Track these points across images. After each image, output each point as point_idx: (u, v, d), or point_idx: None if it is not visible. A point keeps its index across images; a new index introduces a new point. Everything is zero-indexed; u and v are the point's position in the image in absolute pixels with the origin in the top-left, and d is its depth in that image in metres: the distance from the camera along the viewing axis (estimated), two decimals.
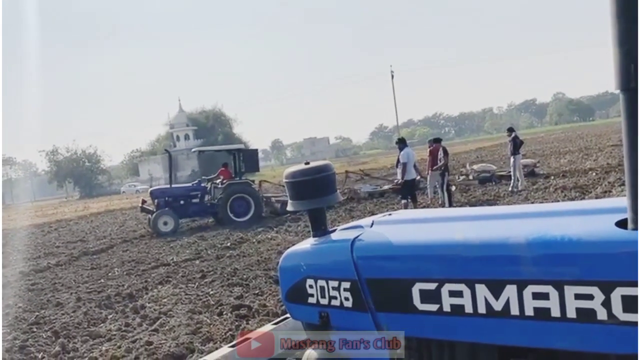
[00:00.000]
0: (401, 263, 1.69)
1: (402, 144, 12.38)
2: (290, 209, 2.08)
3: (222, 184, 15.65)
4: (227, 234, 12.75)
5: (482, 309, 1.44)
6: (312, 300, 1.91)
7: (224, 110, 76.99)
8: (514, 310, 1.38)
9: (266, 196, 16.57)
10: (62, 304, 7.60)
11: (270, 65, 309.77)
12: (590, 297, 1.26)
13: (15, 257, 14.04)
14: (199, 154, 19.71)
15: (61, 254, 13.49)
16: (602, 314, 1.24)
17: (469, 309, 1.47)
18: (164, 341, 5.27)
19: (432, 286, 1.55)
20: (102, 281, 9.02)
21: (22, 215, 37.45)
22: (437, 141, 13.15)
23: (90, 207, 35.94)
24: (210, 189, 15.98)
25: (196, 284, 7.79)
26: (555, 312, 1.31)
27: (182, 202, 15.49)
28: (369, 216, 2.19)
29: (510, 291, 1.39)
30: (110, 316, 6.65)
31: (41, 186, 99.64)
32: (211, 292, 7.09)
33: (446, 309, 1.52)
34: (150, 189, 16.74)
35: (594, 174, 15.08)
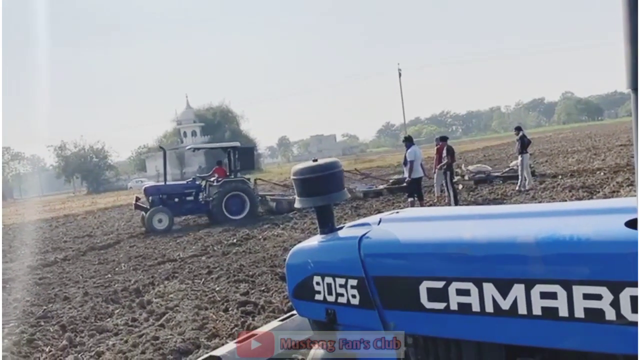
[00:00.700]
0: (408, 261, 1.69)
1: (409, 142, 12.36)
2: (297, 205, 2.08)
3: (217, 181, 15.53)
4: (234, 231, 12.78)
5: (489, 308, 1.44)
6: (319, 297, 1.91)
7: (231, 107, 77.13)
8: (522, 310, 1.38)
9: (261, 194, 16.46)
10: (70, 298, 7.65)
11: (277, 62, 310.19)
12: (598, 297, 1.25)
13: (24, 251, 14.16)
14: (194, 151, 19.67)
15: (69, 248, 13.59)
16: (610, 314, 1.24)
17: (476, 307, 1.47)
18: (170, 336, 5.29)
19: (439, 284, 1.55)
20: (109, 276, 9.07)
21: (30, 209, 37.73)
22: (444, 140, 13.13)
23: (97, 203, 36.12)
24: (204, 186, 15.85)
25: (202, 279, 7.82)
26: (563, 312, 1.31)
27: (176, 200, 15.39)
28: (376, 214, 2.19)
29: (518, 290, 1.38)
30: (117, 311, 6.68)
31: (49, 181, 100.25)
32: (217, 288, 7.11)
33: (453, 307, 1.52)
34: (145, 186, 16.56)
35: (602, 173, 14.98)
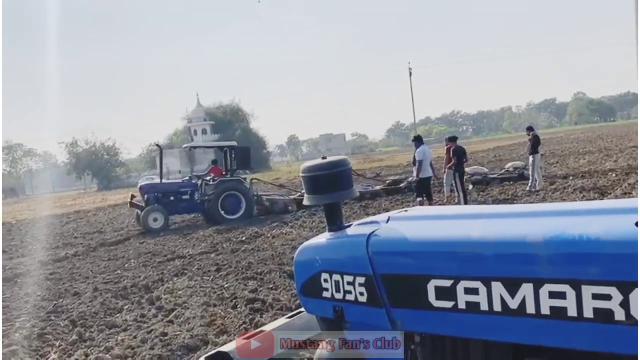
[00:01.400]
0: (417, 259, 1.68)
1: (418, 141, 12.34)
2: (306, 203, 2.09)
3: (213, 181, 15.47)
4: (243, 229, 12.82)
5: (497, 307, 1.44)
6: (327, 294, 1.91)
7: (241, 105, 77.27)
8: (530, 309, 1.37)
9: (257, 195, 16.39)
10: (80, 293, 7.72)
11: (287, 60, 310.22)
12: (608, 297, 1.25)
13: (35, 246, 14.31)
14: (190, 150, 19.68)
15: (79, 244, 13.71)
16: (620, 315, 1.23)
17: (484, 306, 1.46)
18: (179, 332, 5.33)
19: (447, 283, 1.54)
20: (119, 272, 9.14)
21: (42, 206, 38.07)
22: (453, 140, 13.09)
23: (108, 199, 36.36)
24: (201, 186, 15.75)
25: (211, 277, 7.86)
26: (572, 312, 1.30)
27: (172, 199, 15.31)
28: (385, 213, 2.19)
29: (526, 289, 1.38)
30: (127, 307, 6.73)
31: (61, 178, 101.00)
32: (226, 286, 7.14)
33: (461, 306, 1.52)
34: (140, 184, 16.44)
35: (614, 175, 14.85)
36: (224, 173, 15.95)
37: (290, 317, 2.40)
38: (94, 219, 21.90)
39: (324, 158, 2.05)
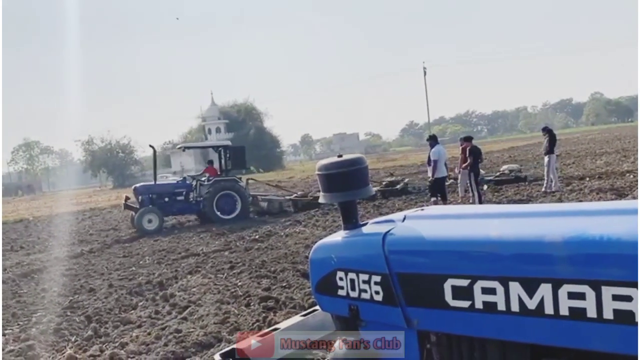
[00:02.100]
0: (433, 258, 1.67)
1: (433, 141, 12.28)
2: (322, 201, 2.08)
3: (207, 181, 15.37)
4: (256, 227, 12.86)
5: (515, 307, 1.42)
6: (342, 292, 1.91)
7: (255, 104, 77.47)
8: (548, 310, 1.36)
9: (253, 194, 16.30)
10: (95, 290, 7.80)
11: (301, 60, 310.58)
12: (629, 298, 1.23)
13: (51, 243, 14.49)
14: (184, 150, 19.70)
15: (94, 241, 13.86)
16: None
17: (501, 306, 1.45)
18: (192, 329, 5.36)
19: (464, 282, 1.53)
20: (134, 269, 9.22)
21: (58, 202, 38.50)
22: (468, 139, 13.00)
23: (122, 197, 36.54)
24: (195, 186, 15.63)
25: (225, 274, 7.89)
26: (592, 313, 1.29)
27: (166, 200, 15.22)
28: (399, 212, 2.17)
29: (544, 290, 1.37)
30: (141, 303, 6.79)
31: (76, 175, 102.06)
32: (239, 283, 7.17)
33: (478, 306, 1.50)
34: (134, 185, 16.40)
35: (631, 176, 14.63)
36: (218, 173, 15.91)
37: (304, 315, 2.40)
38: (109, 216, 22.12)
39: (339, 156, 2.04)
